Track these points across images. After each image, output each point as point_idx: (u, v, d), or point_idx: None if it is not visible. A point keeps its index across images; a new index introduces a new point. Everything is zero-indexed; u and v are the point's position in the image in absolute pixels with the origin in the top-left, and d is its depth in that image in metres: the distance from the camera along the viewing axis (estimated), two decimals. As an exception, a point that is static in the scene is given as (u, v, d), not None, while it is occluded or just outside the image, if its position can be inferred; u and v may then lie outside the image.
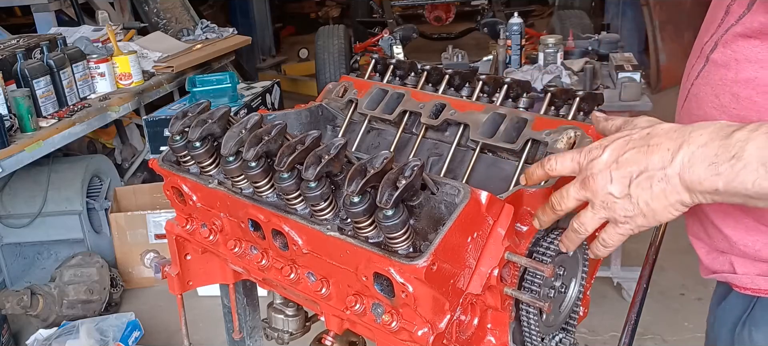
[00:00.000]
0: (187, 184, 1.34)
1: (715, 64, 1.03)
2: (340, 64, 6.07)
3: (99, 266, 3.53)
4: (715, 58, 1.03)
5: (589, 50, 3.82)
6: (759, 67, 0.95)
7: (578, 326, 1.33)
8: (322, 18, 10.90)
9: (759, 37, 0.94)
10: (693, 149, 0.84)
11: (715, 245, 1.09)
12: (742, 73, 0.97)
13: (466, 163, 1.30)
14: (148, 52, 4.50)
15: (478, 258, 1.07)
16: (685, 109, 1.11)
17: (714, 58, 1.03)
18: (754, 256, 1.03)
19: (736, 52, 0.99)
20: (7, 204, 3.75)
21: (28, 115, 3.23)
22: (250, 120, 1.20)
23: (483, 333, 1.15)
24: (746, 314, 1.07)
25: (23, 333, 3.45)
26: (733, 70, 0.99)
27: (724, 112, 1.01)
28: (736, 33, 0.98)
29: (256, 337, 1.69)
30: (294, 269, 1.22)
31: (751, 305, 1.06)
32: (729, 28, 1.00)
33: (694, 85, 1.08)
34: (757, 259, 1.02)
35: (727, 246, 1.06)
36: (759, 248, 1.01)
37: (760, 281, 1.03)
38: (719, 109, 1.01)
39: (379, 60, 1.60)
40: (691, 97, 1.09)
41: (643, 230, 0.95)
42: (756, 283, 1.04)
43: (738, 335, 1.08)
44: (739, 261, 1.06)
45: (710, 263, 1.12)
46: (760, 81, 0.95)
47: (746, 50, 0.97)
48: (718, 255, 1.10)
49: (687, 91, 1.11)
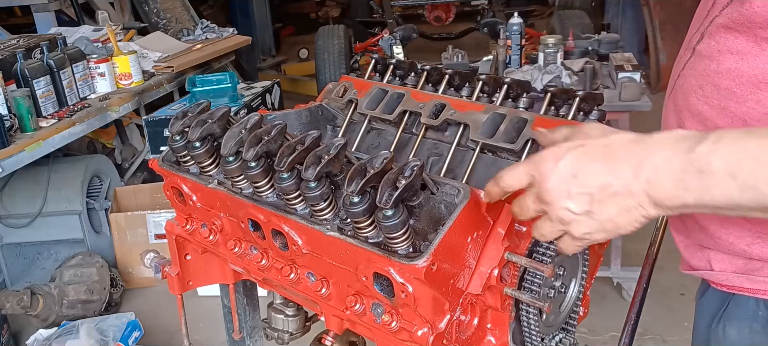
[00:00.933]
0: (187, 184, 1.34)
1: (700, 56, 1.04)
2: (340, 64, 6.07)
3: (99, 266, 3.53)
4: (700, 49, 1.04)
5: (589, 50, 3.81)
6: (739, 58, 0.95)
7: (578, 326, 1.33)
8: (322, 18, 10.90)
9: (739, 28, 0.95)
10: (657, 163, 0.82)
11: (694, 238, 1.11)
12: (724, 63, 0.98)
13: (466, 163, 1.30)
14: (148, 52, 4.50)
15: (478, 258, 1.08)
16: (671, 99, 1.12)
17: (699, 49, 1.04)
18: (727, 249, 1.04)
19: (718, 43, 0.99)
20: (7, 204, 3.75)
21: (28, 115, 3.23)
22: (250, 120, 1.20)
23: (483, 333, 1.15)
24: (722, 310, 1.08)
25: (23, 333, 3.44)
26: (716, 61, 0.99)
27: (707, 102, 1.01)
28: (719, 24, 0.99)
29: (256, 337, 1.69)
30: (294, 269, 1.22)
31: (727, 302, 1.08)
32: (714, 19, 1.01)
33: (680, 76, 1.09)
34: (731, 252, 1.04)
35: (704, 238, 1.07)
36: (732, 240, 1.02)
37: (734, 278, 1.05)
38: (702, 100, 1.02)
39: (379, 60, 1.60)
40: (677, 88, 1.10)
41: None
42: (731, 280, 1.05)
43: (713, 330, 1.10)
44: (716, 257, 1.07)
45: (689, 257, 1.13)
46: (740, 72, 0.96)
47: (728, 41, 0.97)
48: (696, 250, 1.11)
49: (674, 82, 1.12)
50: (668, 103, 1.14)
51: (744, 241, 1.01)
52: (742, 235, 1.01)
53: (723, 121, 0.98)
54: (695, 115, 1.04)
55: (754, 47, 0.93)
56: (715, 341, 1.10)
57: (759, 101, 0.94)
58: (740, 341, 1.06)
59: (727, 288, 1.07)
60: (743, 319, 1.05)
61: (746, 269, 1.03)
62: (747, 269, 1.03)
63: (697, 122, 1.03)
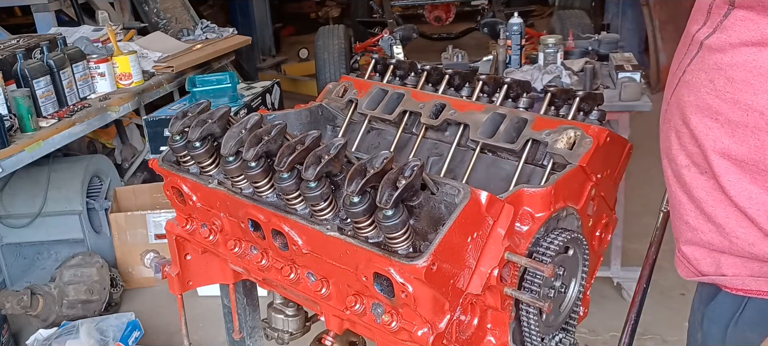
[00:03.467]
0: (187, 184, 1.34)
1: (710, 49, 1.03)
2: (340, 64, 6.06)
3: (99, 266, 3.53)
4: (710, 43, 1.04)
5: (589, 50, 3.81)
6: (756, 49, 0.96)
7: (578, 326, 1.33)
8: (322, 18, 10.89)
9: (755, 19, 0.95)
10: None
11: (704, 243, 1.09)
12: (738, 56, 0.98)
13: (466, 163, 1.30)
14: (148, 52, 4.50)
15: (478, 258, 1.07)
16: (675, 97, 1.11)
17: (709, 43, 1.04)
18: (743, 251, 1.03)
19: (731, 36, 0.99)
20: (7, 204, 3.74)
21: (28, 115, 3.23)
22: (250, 120, 1.20)
23: (483, 333, 1.15)
24: (738, 313, 1.08)
25: (23, 333, 3.44)
26: (729, 53, 0.99)
27: (718, 96, 1.01)
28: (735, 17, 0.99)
29: (256, 337, 1.69)
30: (294, 269, 1.22)
31: (743, 305, 1.07)
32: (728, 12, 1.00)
33: (686, 73, 1.09)
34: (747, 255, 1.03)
35: (718, 241, 1.06)
36: (752, 241, 1.01)
37: (751, 282, 1.04)
38: (713, 94, 1.02)
39: (379, 60, 1.60)
40: (682, 84, 1.09)
41: None
42: (747, 284, 1.05)
43: (731, 334, 1.09)
44: (728, 261, 1.06)
45: (697, 263, 1.12)
46: (757, 63, 0.96)
47: (743, 34, 0.97)
48: (705, 255, 1.10)
49: (677, 80, 1.11)
50: (671, 101, 1.13)
51: (765, 242, 0.99)
52: (762, 237, 0.99)
53: (735, 113, 0.98)
54: (704, 109, 1.03)
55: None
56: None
57: None
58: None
59: (743, 292, 1.06)
60: (764, 322, 1.04)
61: (762, 271, 1.02)
62: (763, 271, 1.02)
63: (705, 117, 1.03)
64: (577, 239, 1.22)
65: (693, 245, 1.11)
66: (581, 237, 1.24)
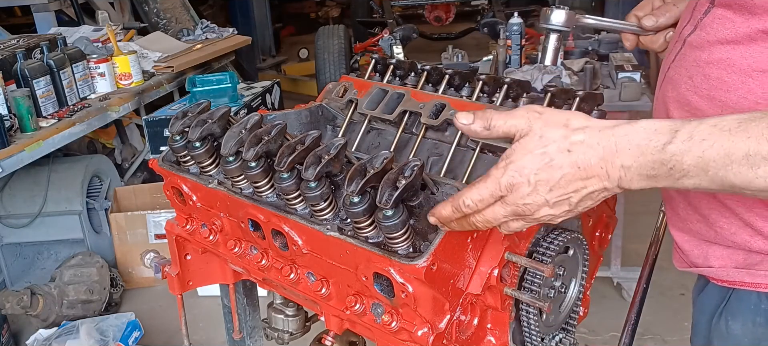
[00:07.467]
0: (187, 184, 1.34)
1: (691, 46, 1.06)
2: (340, 64, 6.06)
3: (99, 266, 3.53)
4: (691, 40, 1.06)
5: (589, 50, 3.81)
6: (731, 47, 0.98)
7: (578, 326, 1.33)
8: (322, 18, 10.89)
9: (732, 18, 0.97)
10: (627, 162, 0.84)
11: (693, 233, 1.11)
12: (715, 53, 1.00)
13: (466, 163, 1.30)
14: (148, 52, 4.50)
15: (478, 258, 1.08)
16: (661, 92, 1.14)
17: (690, 40, 1.06)
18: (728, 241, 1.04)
19: (708, 34, 1.01)
20: (7, 204, 3.74)
21: (28, 115, 3.23)
22: (250, 120, 1.20)
23: (483, 333, 1.15)
24: (723, 305, 1.09)
25: (23, 333, 3.44)
26: (707, 51, 1.02)
27: (696, 92, 1.03)
28: (713, 15, 1.01)
29: (256, 337, 1.69)
30: (294, 269, 1.22)
31: (727, 297, 1.08)
32: (708, 10, 1.03)
33: (670, 69, 1.11)
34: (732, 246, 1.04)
35: (705, 230, 1.08)
36: (734, 231, 1.03)
37: (735, 273, 1.05)
38: (692, 90, 1.04)
39: (379, 60, 1.60)
40: (667, 80, 1.12)
41: None
42: (731, 275, 1.06)
43: (715, 325, 1.10)
44: (716, 253, 1.07)
45: (688, 253, 1.13)
46: (731, 61, 0.98)
47: (720, 32, 0.99)
48: (695, 246, 1.11)
49: (664, 75, 1.13)
50: (658, 95, 1.16)
51: (746, 231, 1.01)
52: (742, 226, 1.01)
53: (712, 110, 1.00)
54: (684, 105, 1.05)
55: (745, 37, 0.95)
56: (718, 336, 1.11)
57: (749, 90, 0.96)
58: (744, 335, 1.07)
59: (728, 283, 1.07)
60: (746, 313, 1.06)
61: (746, 263, 1.04)
62: (747, 263, 1.04)
63: (685, 112, 1.05)
64: (577, 238, 1.22)
65: (684, 233, 1.13)
66: (581, 237, 1.24)
